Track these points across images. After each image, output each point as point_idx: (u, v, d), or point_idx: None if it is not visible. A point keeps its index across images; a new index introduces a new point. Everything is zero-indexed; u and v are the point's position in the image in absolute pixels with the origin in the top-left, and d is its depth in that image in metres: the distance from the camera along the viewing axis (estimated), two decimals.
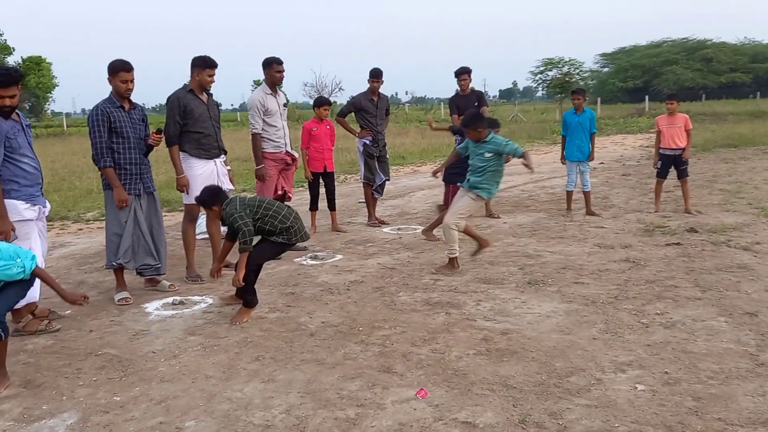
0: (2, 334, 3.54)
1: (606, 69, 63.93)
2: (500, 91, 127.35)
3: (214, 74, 5.85)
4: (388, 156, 8.64)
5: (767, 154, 15.27)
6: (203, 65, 5.78)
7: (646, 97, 42.01)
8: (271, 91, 6.70)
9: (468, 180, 6.12)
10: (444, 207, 7.46)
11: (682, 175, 8.49)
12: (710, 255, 6.15)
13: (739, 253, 6.16)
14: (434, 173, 6.72)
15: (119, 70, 5.16)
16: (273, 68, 6.67)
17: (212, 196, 4.84)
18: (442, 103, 50.31)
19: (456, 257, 5.98)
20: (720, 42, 59.83)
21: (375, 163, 8.27)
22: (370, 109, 8.21)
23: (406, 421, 3.12)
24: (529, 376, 3.60)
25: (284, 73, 6.76)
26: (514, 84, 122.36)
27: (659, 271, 5.64)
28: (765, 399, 3.24)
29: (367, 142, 8.21)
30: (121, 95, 5.20)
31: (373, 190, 8.38)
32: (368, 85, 8.27)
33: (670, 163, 8.53)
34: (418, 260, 6.44)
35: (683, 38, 61.92)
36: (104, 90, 5.30)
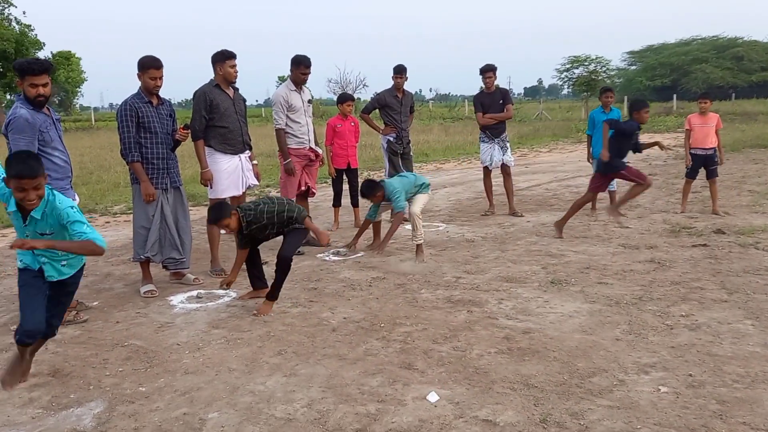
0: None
1: (633, 67, 63.12)
2: (525, 88, 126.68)
3: (235, 64, 5.91)
4: (412, 153, 8.64)
5: None
6: (222, 58, 5.86)
7: (674, 96, 41.41)
8: (295, 88, 6.74)
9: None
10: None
11: (711, 175, 8.37)
12: (738, 257, 6.06)
13: None
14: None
15: (149, 67, 5.23)
16: (300, 69, 6.70)
17: (217, 212, 4.88)
18: (466, 100, 50.13)
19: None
20: (751, 40, 58.75)
21: (399, 160, 8.28)
22: (395, 106, 8.21)
23: (426, 418, 3.13)
24: (550, 376, 3.59)
25: (309, 76, 6.79)
26: (540, 82, 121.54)
27: (685, 273, 5.58)
28: None
29: (391, 139, 8.21)
30: (149, 91, 5.27)
31: None
32: (392, 82, 8.28)
33: (701, 163, 8.41)
34: (440, 257, 6.44)
35: (713, 36, 60.94)
36: (132, 85, 5.40)
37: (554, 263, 6.05)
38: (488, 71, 8.54)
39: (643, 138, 7.80)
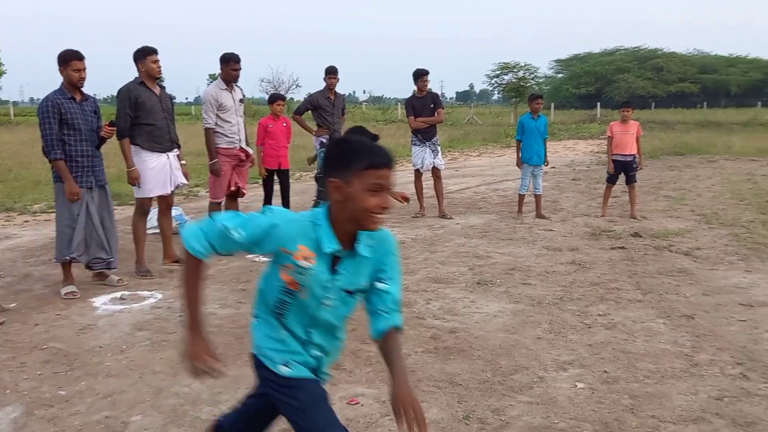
0: None
1: (560, 75, 65.24)
2: (457, 93, 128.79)
3: (157, 59, 5.80)
4: None
5: (711, 163, 15.83)
6: (143, 54, 5.75)
7: (598, 104, 42.99)
8: (226, 87, 6.66)
9: None
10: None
11: (630, 181, 8.76)
12: (653, 259, 6.38)
13: (680, 258, 6.40)
14: None
15: (71, 59, 5.08)
16: (229, 65, 6.63)
17: None
18: (399, 103, 50.53)
19: None
20: (670, 52, 61.74)
21: None
22: (327, 107, 8.24)
23: (353, 417, 3.18)
24: (474, 374, 3.70)
25: (240, 72, 6.73)
26: (471, 87, 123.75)
27: (603, 274, 5.83)
28: (697, 398, 3.40)
29: (324, 140, 8.23)
30: (74, 85, 5.11)
31: None
32: (325, 83, 8.30)
33: (621, 169, 8.79)
34: None
35: (635, 47, 63.74)
36: (54, 80, 5.21)
37: (481, 264, 6.21)
38: (422, 75, 8.68)
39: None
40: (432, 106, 8.66)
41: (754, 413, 3.21)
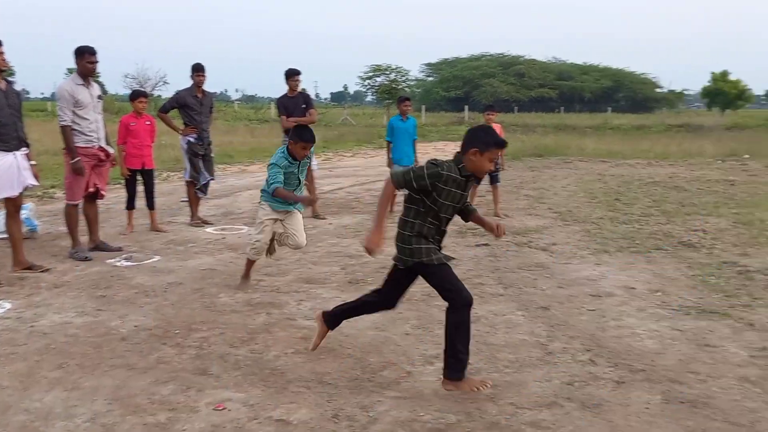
0: None
1: (431, 78, 67.20)
2: (332, 93, 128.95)
3: (2, 52, 5.34)
4: (213, 155, 8.45)
5: (567, 164, 16.95)
6: None
7: (466, 107, 44.72)
8: (82, 82, 6.27)
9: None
10: None
11: (494, 181, 9.17)
12: (514, 255, 6.72)
13: (538, 253, 6.80)
14: None
15: None
16: (85, 58, 6.25)
17: None
18: (272, 102, 49.92)
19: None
20: (531, 59, 65.37)
21: (200, 162, 8.06)
22: (194, 106, 7.98)
23: (219, 423, 3.11)
24: (344, 372, 3.73)
25: (97, 65, 6.37)
26: (345, 88, 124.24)
27: (468, 270, 6.07)
28: (550, 384, 3.63)
29: (192, 140, 7.97)
30: None
31: (196, 189, 8.15)
32: (192, 80, 8.04)
33: None
34: (241, 261, 6.36)
35: (500, 53, 66.86)
36: None
37: (353, 264, 6.27)
38: (293, 75, 8.62)
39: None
40: (304, 106, 8.62)
41: (600, 395, 3.48)
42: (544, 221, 8.66)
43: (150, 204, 7.70)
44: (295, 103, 8.61)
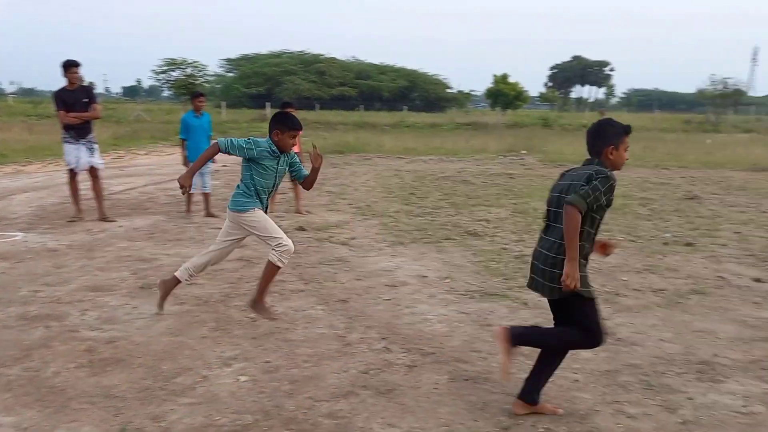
0: None
1: (231, 74, 65.64)
2: (124, 88, 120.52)
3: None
4: None
5: (367, 161, 17.50)
6: None
7: (268, 104, 44.34)
8: None
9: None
10: None
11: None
12: (315, 250, 6.79)
13: (339, 248, 6.94)
14: None
15: None
16: None
17: None
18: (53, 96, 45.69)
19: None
20: (331, 57, 66.44)
21: None
22: None
23: None
24: (134, 383, 3.52)
25: None
26: (139, 82, 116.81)
27: None
28: (347, 374, 3.72)
29: None
30: None
31: None
32: None
33: None
34: (15, 271, 5.74)
35: (300, 51, 67.10)
36: None
37: (146, 268, 5.94)
38: (71, 67, 7.92)
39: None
40: (86, 100, 7.97)
41: (394, 381, 3.63)
42: (344, 216, 8.86)
43: None
44: (75, 98, 7.92)
